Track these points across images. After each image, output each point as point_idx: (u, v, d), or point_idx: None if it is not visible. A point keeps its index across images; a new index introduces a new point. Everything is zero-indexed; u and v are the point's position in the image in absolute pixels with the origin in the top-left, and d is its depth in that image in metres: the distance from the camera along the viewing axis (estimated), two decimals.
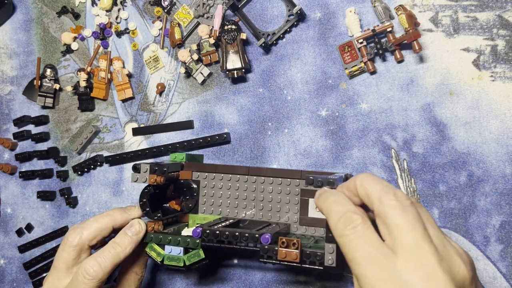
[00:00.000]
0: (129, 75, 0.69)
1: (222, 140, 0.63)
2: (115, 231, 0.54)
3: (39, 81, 0.71)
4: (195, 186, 0.60)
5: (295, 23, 0.62)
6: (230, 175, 0.59)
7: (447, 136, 0.56)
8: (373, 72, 0.59)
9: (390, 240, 0.36)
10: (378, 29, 0.56)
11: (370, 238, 0.36)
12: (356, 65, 0.59)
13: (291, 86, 0.62)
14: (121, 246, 0.52)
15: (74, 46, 0.73)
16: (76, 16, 0.73)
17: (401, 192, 0.38)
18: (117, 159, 0.68)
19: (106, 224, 0.54)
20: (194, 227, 0.51)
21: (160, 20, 0.68)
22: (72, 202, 0.70)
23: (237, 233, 0.49)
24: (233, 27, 0.62)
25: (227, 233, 0.50)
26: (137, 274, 0.56)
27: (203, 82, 0.66)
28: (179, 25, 0.67)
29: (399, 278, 0.34)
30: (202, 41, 0.64)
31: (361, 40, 0.57)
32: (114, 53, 0.71)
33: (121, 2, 0.70)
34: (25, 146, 0.75)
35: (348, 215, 0.38)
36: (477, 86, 0.55)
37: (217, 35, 0.63)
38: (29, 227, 0.73)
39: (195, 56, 0.64)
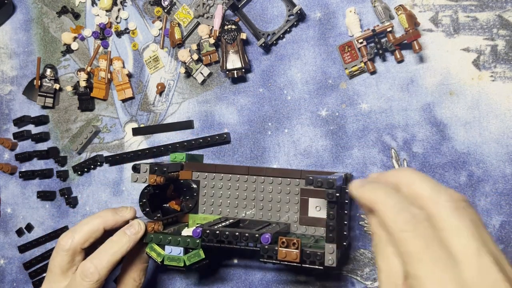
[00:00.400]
0: (129, 75, 0.69)
1: (222, 140, 0.63)
2: (107, 233, 0.54)
3: (39, 81, 0.71)
4: (195, 186, 0.60)
5: (295, 23, 0.62)
6: (230, 175, 0.59)
7: (447, 136, 0.56)
8: (373, 72, 0.59)
9: (447, 242, 0.34)
10: (378, 29, 0.56)
11: (434, 236, 0.34)
12: (356, 65, 0.59)
13: (291, 86, 0.62)
14: (118, 244, 0.52)
15: (74, 46, 0.72)
16: (76, 16, 0.73)
17: (454, 191, 0.36)
18: (117, 159, 0.68)
19: (98, 226, 0.53)
20: (194, 227, 0.51)
21: (160, 20, 0.68)
22: (72, 202, 0.70)
23: (237, 233, 0.49)
24: (233, 27, 0.62)
25: (227, 233, 0.50)
26: (135, 281, 0.56)
27: (203, 82, 0.66)
28: (179, 25, 0.67)
29: (464, 284, 0.32)
30: (202, 41, 0.64)
31: (361, 40, 0.57)
32: (114, 53, 0.71)
33: (121, 2, 0.70)
34: (25, 146, 0.75)
35: (411, 209, 0.35)
36: (477, 86, 0.55)
37: (217, 35, 0.63)
38: (29, 227, 0.73)
39: (195, 56, 0.64)
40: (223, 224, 0.54)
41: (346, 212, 0.52)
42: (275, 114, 0.62)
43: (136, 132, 0.69)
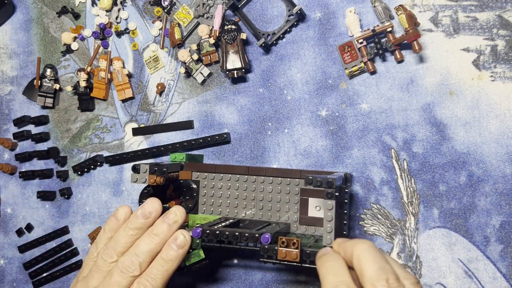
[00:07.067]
0: (129, 75, 0.69)
1: (222, 140, 0.63)
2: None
3: (39, 81, 0.71)
4: (195, 186, 0.60)
5: (295, 23, 0.62)
6: (230, 175, 0.59)
7: (447, 136, 0.56)
8: (373, 72, 0.59)
9: None
10: (378, 29, 0.56)
11: None
12: (356, 65, 0.59)
13: (291, 86, 0.62)
14: (168, 262, 0.50)
15: (74, 46, 0.73)
16: (76, 16, 0.73)
17: (394, 278, 0.38)
18: (117, 159, 0.68)
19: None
20: (194, 227, 0.51)
21: (160, 20, 0.68)
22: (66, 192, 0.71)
23: (237, 233, 0.49)
24: (233, 27, 0.62)
25: (227, 233, 0.50)
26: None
27: (203, 82, 0.66)
28: (179, 25, 0.67)
29: None
30: (202, 41, 0.64)
31: (361, 40, 0.57)
32: (114, 53, 0.71)
33: (121, 2, 0.70)
34: (25, 146, 0.75)
35: None
36: (477, 86, 0.55)
37: (217, 35, 0.63)
38: (29, 227, 0.73)
39: (195, 56, 0.64)
40: (223, 224, 0.54)
41: (345, 212, 0.52)
42: (275, 114, 0.62)
43: (136, 132, 0.69)
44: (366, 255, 0.40)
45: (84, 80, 0.69)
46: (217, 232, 0.50)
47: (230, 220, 0.56)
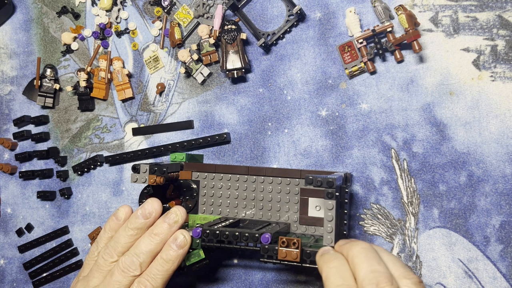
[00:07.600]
0: (129, 75, 0.69)
1: (222, 140, 0.63)
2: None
3: (39, 81, 0.71)
4: (195, 186, 0.60)
5: (295, 23, 0.62)
6: (230, 175, 0.59)
7: (447, 136, 0.56)
8: (373, 72, 0.59)
9: None
10: (378, 29, 0.56)
11: None
12: (356, 65, 0.59)
13: (291, 86, 0.62)
14: (168, 262, 0.50)
15: (74, 46, 0.73)
16: (76, 16, 0.73)
17: (386, 280, 0.38)
18: (117, 159, 0.68)
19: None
20: (194, 227, 0.52)
21: (160, 20, 0.68)
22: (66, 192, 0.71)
23: (237, 233, 0.49)
24: (233, 27, 0.62)
25: (227, 233, 0.50)
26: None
27: (203, 82, 0.66)
28: (179, 25, 0.67)
29: None
30: (202, 41, 0.64)
31: (361, 40, 0.57)
32: (114, 53, 0.71)
33: (121, 2, 0.70)
34: (25, 146, 0.75)
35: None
36: (477, 86, 0.55)
37: (217, 35, 0.63)
38: (29, 227, 0.73)
39: (195, 56, 0.64)
40: (223, 224, 0.54)
41: (346, 211, 0.52)
42: (275, 114, 0.62)
43: (136, 132, 0.69)
44: (359, 258, 0.40)
45: (84, 80, 0.69)
46: (217, 232, 0.50)
47: (230, 220, 0.56)
